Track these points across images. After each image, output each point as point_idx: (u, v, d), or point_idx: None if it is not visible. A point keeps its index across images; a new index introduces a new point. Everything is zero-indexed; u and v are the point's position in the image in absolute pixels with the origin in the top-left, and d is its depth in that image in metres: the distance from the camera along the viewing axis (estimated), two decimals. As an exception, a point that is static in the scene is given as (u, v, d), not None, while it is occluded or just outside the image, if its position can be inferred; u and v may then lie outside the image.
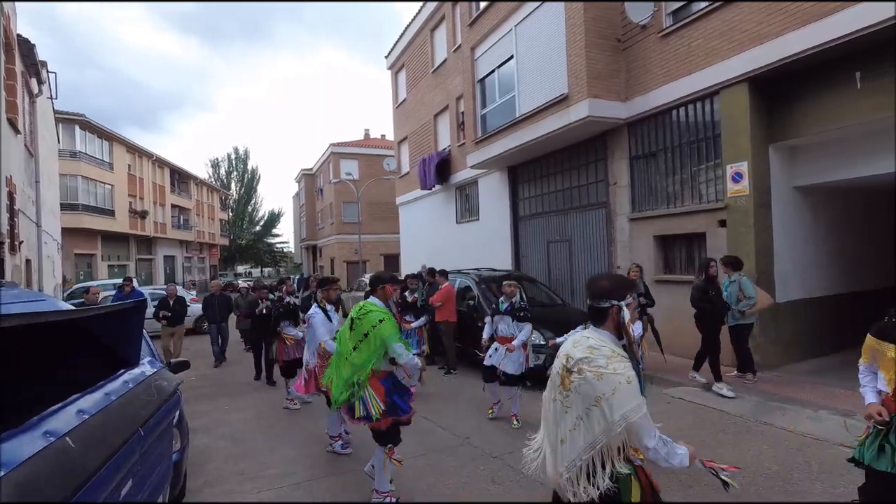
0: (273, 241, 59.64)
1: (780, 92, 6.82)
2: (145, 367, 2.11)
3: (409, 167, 18.42)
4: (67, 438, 1.24)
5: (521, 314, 5.41)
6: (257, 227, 56.96)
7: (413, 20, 17.29)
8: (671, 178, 8.28)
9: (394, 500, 3.57)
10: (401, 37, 18.48)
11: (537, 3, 9.66)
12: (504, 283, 5.61)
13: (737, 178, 7.02)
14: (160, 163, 34.18)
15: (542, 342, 6.89)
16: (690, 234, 7.94)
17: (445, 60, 15.22)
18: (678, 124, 8.09)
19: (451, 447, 4.77)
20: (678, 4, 7.98)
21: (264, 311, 7.56)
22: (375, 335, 3.38)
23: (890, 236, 8.89)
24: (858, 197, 8.01)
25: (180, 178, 38.81)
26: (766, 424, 5.02)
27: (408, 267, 18.23)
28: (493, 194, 13.11)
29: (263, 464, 4.56)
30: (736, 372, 6.56)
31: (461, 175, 14.43)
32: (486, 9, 11.35)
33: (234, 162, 55.03)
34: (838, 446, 4.32)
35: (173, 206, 36.29)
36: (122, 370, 1.90)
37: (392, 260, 31.24)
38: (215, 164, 54.68)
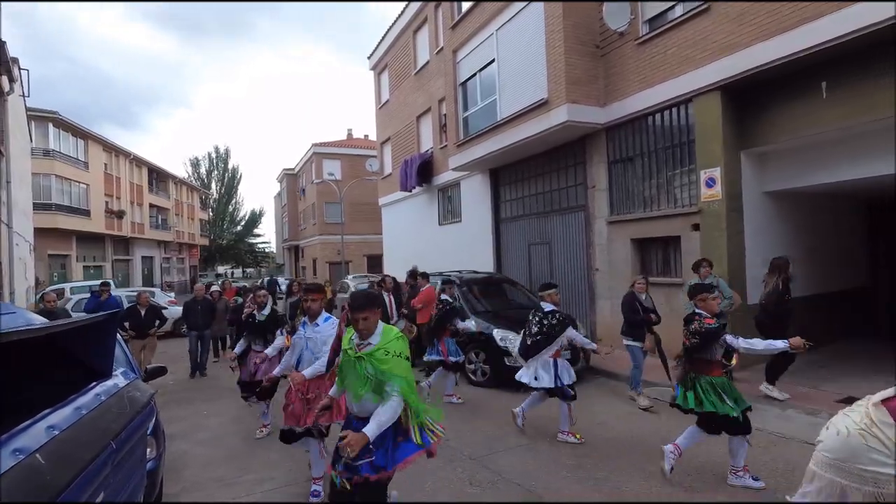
0: (254, 241, 58.98)
1: (750, 100, 7.03)
2: (118, 379, 2.11)
3: (391, 168, 18.42)
4: (37, 455, 1.25)
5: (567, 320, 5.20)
6: (238, 227, 56.25)
7: (395, 21, 17.30)
8: (647, 183, 8.46)
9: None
10: (383, 38, 18.46)
11: (518, 8, 9.77)
12: (552, 290, 5.17)
13: (710, 183, 7.22)
14: (138, 162, 33.54)
15: (521, 344, 7.00)
16: (666, 237, 8.12)
17: (428, 62, 15.26)
18: (654, 130, 8.27)
19: (430, 450, 4.82)
20: (655, 12, 8.16)
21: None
22: None
23: (854, 239, 9.23)
24: (825, 202, 8.30)
25: (158, 177, 38.11)
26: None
27: (391, 269, 18.22)
28: (476, 196, 13.20)
29: (242, 469, 4.55)
30: None
31: (444, 177, 14.49)
32: (468, 12, 11.43)
33: (214, 161, 54.29)
34: (804, 443, 4.49)
35: (151, 205, 35.63)
36: (95, 382, 1.90)
37: (375, 261, 31.18)
38: (195, 163, 53.92)
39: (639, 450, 4.63)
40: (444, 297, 6.76)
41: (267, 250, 61.43)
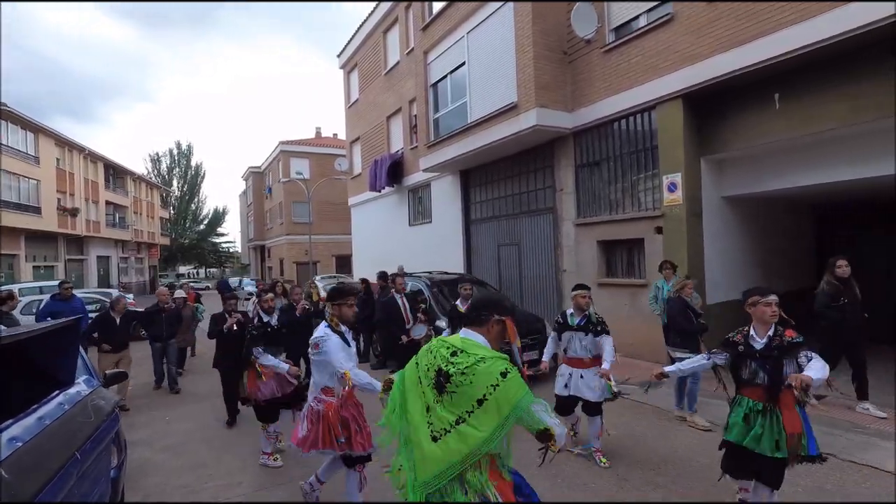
0: (218, 240, 57.35)
1: (710, 109, 7.33)
2: (81, 387, 2.04)
3: (361, 168, 18.28)
4: (1, 469, 1.21)
5: (600, 328, 4.46)
6: (201, 226, 54.59)
7: (366, 21, 17.17)
8: (613, 187, 8.70)
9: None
10: (353, 36, 18.31)
11: (488, 13, 9.87)
12: (577, 292, 4.57)
13: (672, 188, 7.49)
14: (93, 157, 32.07)
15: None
16: (631, 239, 8.37)
17: (398, 63, 15.23)
18: (619, 135, 8.52)
19: (393, 447, 4.83)
20: (620, 21, 8.40)
21: (235, 328, 5.59)
22: (501, 399, 1.89)
23: (803, 241, 9.75)
24: (777, 206, 8.73)
25: (116, 173, 36.57)
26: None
27: (360, 269, 18.08)
28: (446, 197, 13.25)
29: (208, 476, 4.45)
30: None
31: (414, 178, 14.49)
32: (438, 14, 11.46)
33: (176, 157, 52.49)
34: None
35: (108, 202, 34.13)
36: (57, 391, 1.83)
37: (344, 261, 30.89)
38: (155, 160, 52.04)
39: (606, 447, 4.76)
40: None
41: (231, 250, 59.85)
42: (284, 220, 33.38)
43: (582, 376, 4.44)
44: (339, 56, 19.74)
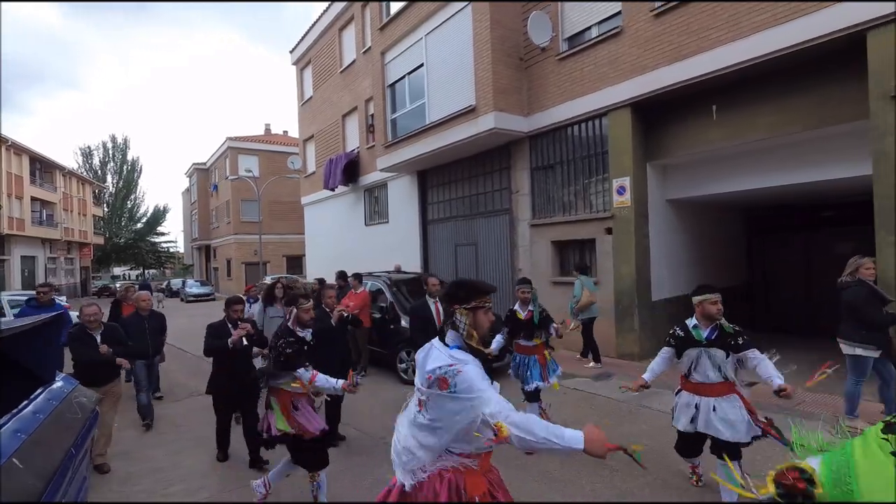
0: (158, 239, 54.31)
1: (655, 117, 7.83)
2: (62, 384, 1.99)
3: (315, 167, 17.98)
4: (14, 460, 1.20)
5: (741, 340, 3.33)
6: (139, 225, 51.48)
7: (320, 17, 16.92)
8: (567, 189, 9.09)
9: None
10: (307, 33, 17.98)
11: (446, 16, 10.03)
12: (706, 297, 3.47)
13: (621, 191, 7.94)
14: (17, 149, 29.61)
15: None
16: (583, 240, 8.79)
17: (354, 61, 15.12)
18: (573, 140, 8.91)
19: (366, 447, 4.90)
20: (574, 31, 8.80)
21: (245, 343, 4.50)
22: None
23: (737, 241, 10.56)
24: (714, 209, 9.43)
25: (43, 167, 33.92)
26: (646, 408, 5.78)
27: (315, 269, 17.78)
28: (403, 197, 13.31)
29: (167, 481, 4.32)
30: (579, 356, 7.91)
31: (371, 177, 14.44)
32: (396, 15, 11.51)
33: (110, 151, 49.23)
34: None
35: (34, 199, 31.60)
36: (41, 388, 1.79)
37: (295, 262, 30.21)
38: (87, 153, 48.51)
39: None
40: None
41: (172, 250, 56.86)
42: (232, 219, 32.20)
43: (715, 408, 3.33)
44: (291, 52, 19.32)
